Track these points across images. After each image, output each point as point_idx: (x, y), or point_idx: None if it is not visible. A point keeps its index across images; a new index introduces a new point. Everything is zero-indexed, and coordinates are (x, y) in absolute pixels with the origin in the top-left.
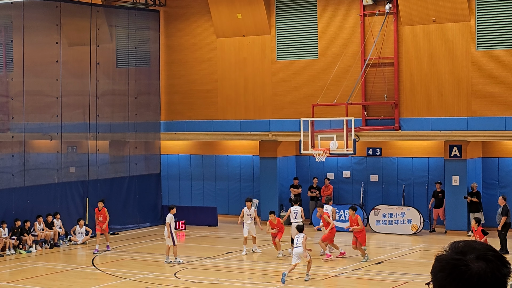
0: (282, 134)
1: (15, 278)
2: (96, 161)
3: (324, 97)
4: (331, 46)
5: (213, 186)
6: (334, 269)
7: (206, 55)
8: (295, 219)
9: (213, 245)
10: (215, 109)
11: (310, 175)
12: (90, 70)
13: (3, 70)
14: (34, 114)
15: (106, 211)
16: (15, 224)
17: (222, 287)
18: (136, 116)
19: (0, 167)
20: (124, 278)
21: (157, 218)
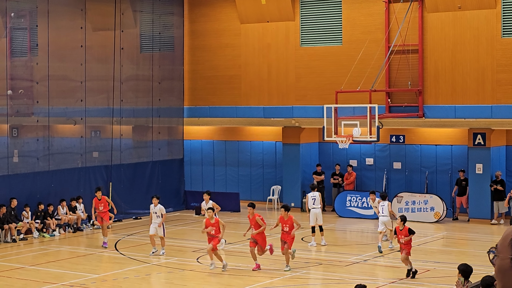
0: (305, 120)
1: (39, 261)
2: (120, 146)
3: (348, 84)
4: (355, 33)
5: (235, 172)
6: (356, 255)
7: (230, 41)
8: (314, 205)
9: (235, 230)
10: (238, 95)
11: (333, 161)
12: (114, 55)
13: (28, 55)
14: (58, 99)
15: (106, 199)
16: (38, 207)
17: (245, 273)
18: (160, 101)
19: (25, 151)
20: (146, 262)
21: (179, 203)
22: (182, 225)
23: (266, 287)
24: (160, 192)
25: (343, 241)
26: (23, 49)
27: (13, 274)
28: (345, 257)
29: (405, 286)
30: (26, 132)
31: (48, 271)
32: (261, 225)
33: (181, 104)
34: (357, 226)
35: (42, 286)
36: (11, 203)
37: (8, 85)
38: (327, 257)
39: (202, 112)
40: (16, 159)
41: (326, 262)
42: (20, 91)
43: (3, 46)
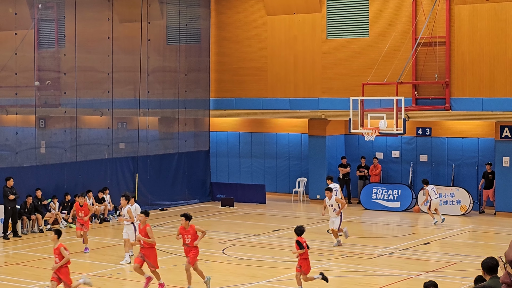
0: (331, 112)
1: None
2: (146, 137)
3: (374, 76)
4: (382, 25)
5: (261, 164)
6: (382, 248)
7: (256, 33)
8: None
9: (261, 222)
10: (265, 87)
11: (358, 154)
12: (141, 46)
13: (55, 46)
14: (85, 90)
15: (88, 206)
16: (65, 198)
17: (270, 265)
18: (186, 93)
19: (53, 142)
20: (172, 253)
21: (205, 194)
22: (207, 217)
23: (292, 279)
24: (186, 183)
25: (369, 234)
26: (50, 40)
27: (40, 264)
28: (370, 250)
29: (432, 279)
30: (54, 123)
31: (74, 261)
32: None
33: (207, 95)
34: (383, 219)
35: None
36: (37, 193)
37: (36, 77)
38: (352, 249)
39: (228, 104)
40: (44, 150)
41: (351, 255)
42: (48, 82)
43: (31, 38)
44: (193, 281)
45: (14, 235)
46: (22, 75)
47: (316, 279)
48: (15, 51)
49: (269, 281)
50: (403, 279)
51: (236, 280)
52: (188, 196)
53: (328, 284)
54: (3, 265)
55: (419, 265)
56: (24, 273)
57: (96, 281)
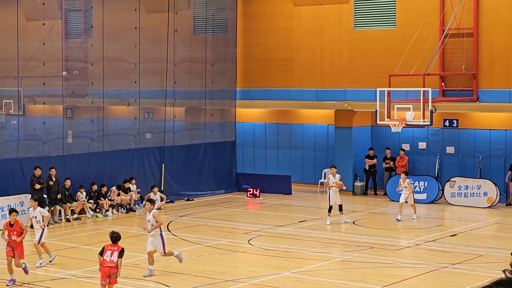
0: (357, 104)
1: (92, 241)
2: (173, 128)
3: (401, 67)
4: (409, 16)
5: (287, 155)
6: (408, 240)
7: (283, 24)
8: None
9: (286, 213)
10: (291, 77)
11: (385, 145)
12: (168, 37)
13: (82, 36)
14: (112, 80)
15: (20, 224)
16: (92, 188)
17: (296, 255)
18: (213, 83)
19: (80, 131)
20: (198, 243)
21: (231, 185)
22: (233, 207)
23: (317, 270)
24: (212, 174)
25: (395, 225)
26: (77, 30)
27: (67, 253)
28: (396, 241)
29: (458, 271)
30: (81, 113)
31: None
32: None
33: (234, 86)
34: (409, 210)
35: (95, 265)
36: (65, 183)
37: (63, 67)
38: (378, 241)
39: (254, 95)
40: (71, 139)
41: (377, 246)
42: (75, 72)
43: (58, 28)
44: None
45: None
46: (50, 65)
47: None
48: (43, 41)
49: (294, 271)
50: (429, 271)
51: (261, 271)
52: (214, 186)
53: (353, 276)
54: (30, 254)
55: (445, 257)
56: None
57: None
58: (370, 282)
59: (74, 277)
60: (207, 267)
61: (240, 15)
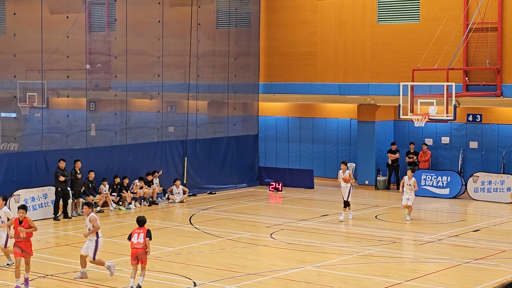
0: (380, 98)
1: (115, 233)
2: (196, 121)
3: (425, 62)
4: (433, 10)
5: (310, 149)
6: (430, 235)
7: (306, 17)
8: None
9: (309, 207)
10: (314, 71)
11: (408, 140)
12: (191, 30)
13: (106, 30)
14: (136, 73)
15: (29, 221)
16: (114, 180)
17: (318, 249)
18: (236, 77)
19: (104, 124)
20: (220, 237)
21: (254, 179)
22: (256, 201)
23: (340, 265)
24: (234, 167)
25: (417, 220)
26: (101, 24)
27: None
28: (419, 236)
29: (481, 266)
30: (104, 106)
31: (124, 243)
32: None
33: (257, 80)
34: (432, 205)
35: (118, 258)
36: (89, 175)
37: (87, 60)
38: (401, 235)
39: (277, 89)
40: (94, 132)
41: (400, 241)
42: (98, 65)
43: (82, 21)
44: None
45: (65, 216)
46: (74, 58)
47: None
48: (67, 34)
49: (316, 266)
50: (452, 266)
51: (284, 265)
52: (236, 180)
53: (375, 270)
54: (54, 246)
55: (468, 252)
56: (74, 254)
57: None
58: (392, 276)
59: (97, 269)
60: (229, 261)
61: (263, 9)
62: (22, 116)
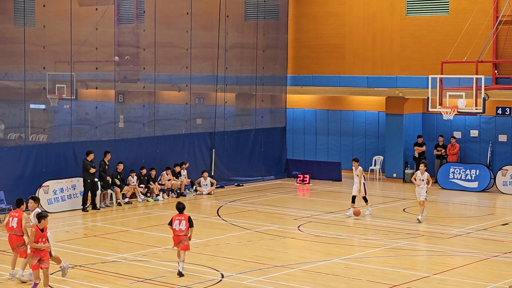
0: (409, 90)
1: (142, 225)
2: (224, 113)
3: (454, 54)
4: (462, 2)
5: (337, 141)
6: (459, 228)
7: (334, 9)
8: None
9: (336, 200)
10: (342, 64)
11: (436, 133)
12: (219, 22)
13: (134, 22)
14: (164, 65)
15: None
16: (141, 172)
17: (345, 242)
18: (264, 69)
19: (132, 116)
20: (248, 229)
21: (281, 171)
22: (283, 193)
23: (367, 257)
24: (262, 159)
25: (446, 213)
26: (130, 16)
27: (118, 236)
28: (447, 230)
29: (509, 260)
30: (132, 98)
31: (151, 234)
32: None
33: (285, 72)
34: (460, 199)
35: (146, 249)
36: (118, 167)
37: (116, 51)
38: (429, 229)
39: (305, 81)
40: (122, 124)
41: (428, 234)
42: (127, 57)
43: (111, 13)
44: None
45: (93, 207)
46: (102, 50)
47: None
48: (96, 26)
49: (344, 258)
50: (480, 260)
51: (311, 257)
52: (264, 172)
53: (403, 263)
54: (82, 237)
55: (496, 246)
56: (103, 245)
57: (172, 255)
58: (420, 270)
59: (125, 260)
60: (256, 253)
61: (292, 1)
62: (51, 107)
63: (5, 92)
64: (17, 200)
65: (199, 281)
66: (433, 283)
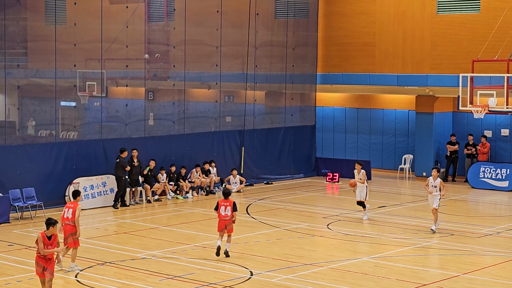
0: (439, 89)
1: (172, 222)
2: (253, 111)
3: (485, 53)
4: (493, 0)
5: (367, 140)
6: (489, 227)
7: (364, 8)
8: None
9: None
10: (372, 62)
11: (466, 131)
12: (249, 20)
13: (164, 20)
14: (194, 63)
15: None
16: (170, 169)
17: (374, 241)
18: (293, 67)
19: (162, 114)
20: (277, 227)
21: (310, 169)
22: (312, 191)
23: (396, 256)
24: (291, 158)
25: (476, 213)
26: (160, 14)
27: (148, 233)
28: (477, 229)
29: None
30: (162, 96)
31: (181, 232)
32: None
33: (314, 70)
34: (490, 198)
35: (175, 246)
36: (150, 164)
37: (146, 49)
38: (459, 228)
39: (335, 79)
40: (152, 122)
41: (457, 233)
42: (157, 55)
43: (141, 11)
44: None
45: (122, 205)
46: (133, 47)
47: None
48: (126, 24)
49: (373, 257)
50: (510, 260)
51: (340, 255)
52: (293, 170)
53: (432, 262)
54: (112, 234)
55: None
56: (132, 242)
57: (201, 253)
58: (450, 269)
59: (155, 257)
60: (285, 251)
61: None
62: (81, 105)
63: (37, 90)
64: (74, 192)
65: (228, 278)
66: (463, 282)
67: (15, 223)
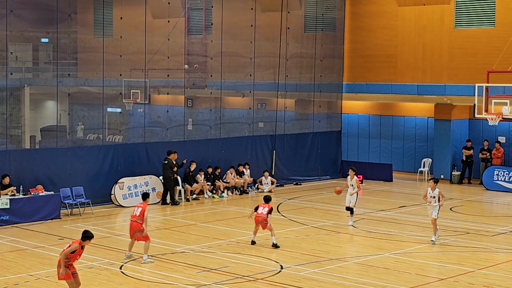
0: (457, 98)
1: (209, 219)
2: (284, 118)
3: (500, 64)
4: (507, 16)
5: (389, 145)
6: (502, 226)
7: (387, 22)
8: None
9: (387, 199)
10: (394, 73)
11: (482, 137)
12: (281, 34)
13: (203, 33)
14: (229, 73)
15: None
16: (208, 171)
17: (396, 238)
18: (321, 77)
19: (200, 119)
20: (305, 224)
21: (336, 171)
22: None
23: (416, 252)
24: (319, 161)
25: (490, 213)
26: (198, 27)
27: (187, 230)
28: (491, 228)
29: None
30: (200, 103)
31: (217, 228)
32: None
33: (341, 80)
34: (504, 199)
35: (212, 241)
36: (190, 166)
37: (185, 60)
38: (474, 226)
39: (359, 88)
40: (191, 127)
41: (473, 232)
42: (196, 65)
43: (182, 25)
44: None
45: (163, 203)
46: (173, 58)
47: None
48: (168, 37)
49: (394, 253)
50: None
51: (364, 251)
52: (320, 172)
53: (450, 258)
54: (154, 229)
55: None
56: (172, 237)
57: (235, 247)
58: (466, 265)
59: (193, 252)
60: (313, 246)
61: (348, 14)
62: (126, 111)
63: (85, 97)
64: (143, 194)
65: (260, 271)
66: (478, 277)
67: (65, 219)
